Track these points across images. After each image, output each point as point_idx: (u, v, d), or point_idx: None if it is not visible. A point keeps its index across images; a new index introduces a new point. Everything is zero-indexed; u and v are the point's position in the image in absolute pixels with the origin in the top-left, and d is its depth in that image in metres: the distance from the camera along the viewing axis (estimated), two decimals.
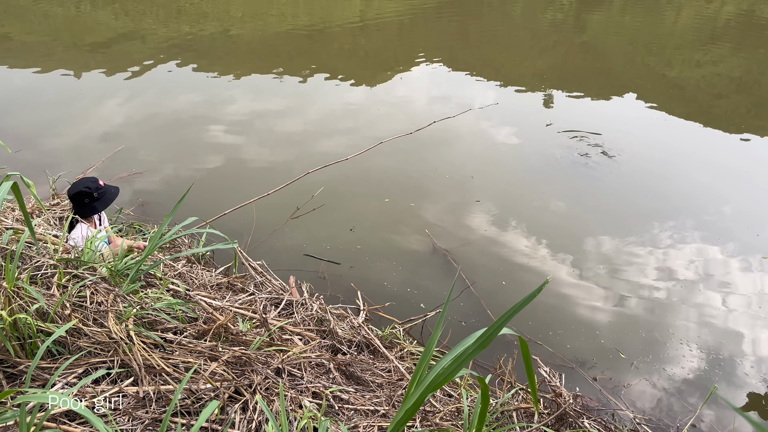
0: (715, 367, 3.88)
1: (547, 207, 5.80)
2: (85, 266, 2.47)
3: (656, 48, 12.55)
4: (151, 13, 14.66)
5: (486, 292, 4.50)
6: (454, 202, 5.83)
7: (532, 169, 6.58)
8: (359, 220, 5.47)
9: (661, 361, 3.91)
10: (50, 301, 2.19)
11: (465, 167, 6.50)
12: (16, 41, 11.86)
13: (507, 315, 1.34)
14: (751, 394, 3.71)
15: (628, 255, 5.05)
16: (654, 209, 5.76)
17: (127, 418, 1.93)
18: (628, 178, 6.43)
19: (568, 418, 2.77)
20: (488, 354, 3.75)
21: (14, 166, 5.14)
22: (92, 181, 3.57)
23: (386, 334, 3.52)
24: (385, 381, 2.83)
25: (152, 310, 2.40)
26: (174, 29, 13.23)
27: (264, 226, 5.12)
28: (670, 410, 3.49)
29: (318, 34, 13.24)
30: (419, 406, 1.47)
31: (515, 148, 7.17)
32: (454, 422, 2.57)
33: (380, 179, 6.21)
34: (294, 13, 15.41)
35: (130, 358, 2.10)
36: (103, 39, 12.04)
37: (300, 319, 3.29)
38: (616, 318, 4.32)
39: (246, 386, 2.20)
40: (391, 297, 4.33)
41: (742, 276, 4.82)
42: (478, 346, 1.37)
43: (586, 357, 3.91)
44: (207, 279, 3.50)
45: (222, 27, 13.46)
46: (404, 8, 15.78)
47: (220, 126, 7.66)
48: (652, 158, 6.93)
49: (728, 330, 4.22)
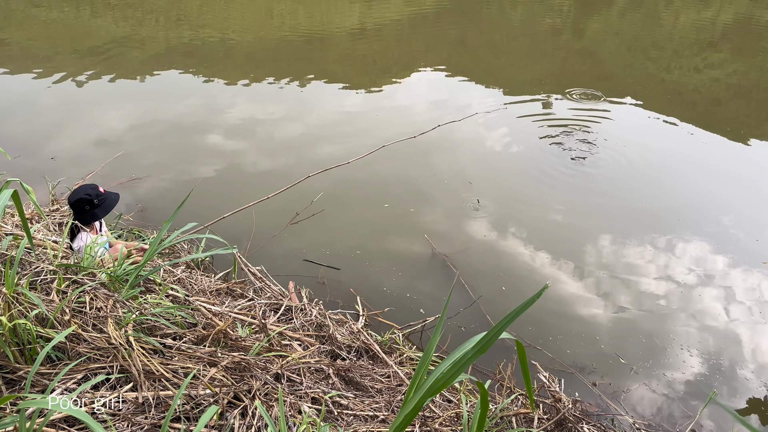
0: (715, 373, 3.88)
1: (547, 212, 5.80)
2: (84, 272, 2.48)
3: (654, 53, 12.60)
4: (151, 19, 14.70)
5: (485, 297, 4.50)
6: (453, 207, 5.83)
7: (531, 175, 6.59)
8: (359, 226, 5.48)
9: (660, 366, 3.91)
10: (50, 307, 2.19)
11: (463, 173, 6.51)
12: (16, 47, 11.89)
13: (506, 319, 1.34)
14: (751, 399, 3.71)
15: (628, 260, 5.05)
16: (653, 214, 5.77)
17: (127, 423, 1.93)
18: (627, 183, 6.44)
19: (568, 423, 2.77)
20: (488, 359, 3.75)
21: (13, 172, 5.15)
22: (92, 188, 3.58)
23: (385, 340, 3.52)
24: (385, 386, 2.83)
25: (151, 316, 2.40)
26: (174, 35, 13.27)
27: (263, 232, 5.12)
28: (670, 415, 3.49)
29: (317, 40, 13.29)
30: (418, 411, 1.47)
31: (513, 153, 7.19)
32: (453, 427, 2.56)
33: (380, 185, 6.22)
34: (293, 19, 15.46)
35: (129, 363, 2.10)
36: (103, 45, 12.07)
37: (299, 325, 3.29)
38: (616, 323, 4.32)
39: (245, 392, 2.20)
40: (391, 302, 4.33)
41: (742, 281, 4.82)
42: (477, 351, 1.38)
43: (586, 362, 3.90)
44: (206, 284, 3.50)
45: (221, 33, 13.51)
46: (403, 15, 15.84)
47: (219, 131, 7.68)
48: (651, 163, 6.95)
49: (728, 335, 4.22)
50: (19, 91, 9.28)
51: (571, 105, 8.82)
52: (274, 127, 7.98)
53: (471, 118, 8.16)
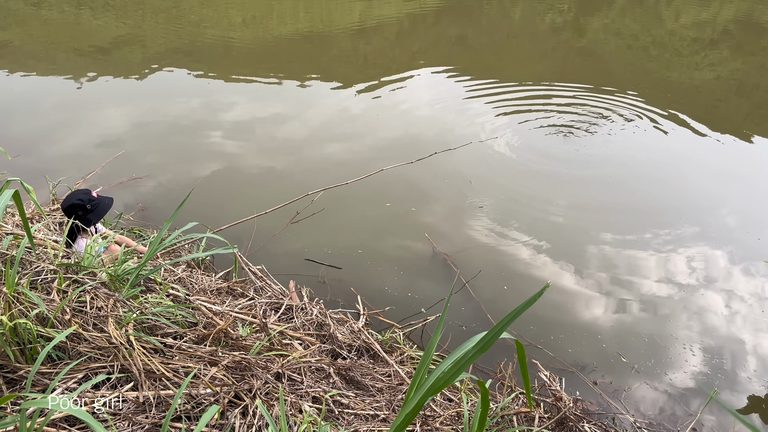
0: (717, 372, 3.88)
1: (547, 211, 5.80)
2: (84, 271, 2.48)
3: (655, 52, 12.58)
4: (151, 19, 14.70)
5: (486, 296, 4.50)
6: (454, 206, 5.83)
7: (531, 173, 6.58)
8: (359, 225, 5.47)
9: (662, 365, 3.91)
10: (50, 306, 2.19)
11: (463, 172, 6.50)
12: (17, 47, 11.89)
13: (507, 319, 1.34)
14: (752, 397, 3.70)
15: (629, 259, 5.05)
16: (654, 213, 5.76)
17: (127, 423, 1.93)
18: (627, 182, 6.43)
19: (569, 422, 2.76)
20: (489, 359, 3.75)
21: (14, 171, 5.15)
22: (85, 193, 3.53)
23: (386, 339, 3.52)
24: (386, 385, 2.83)
25: (152, 315, 2.40)
26: (174, 34, 13.26)
27: (264, 231, 5.12)
28: (671, 414, 3.49)
29: (318, 38, 13.28)
30: (419, 410, 1.47)
31: (514, 152, 7.18)
32: (454, 426, 2.56)
33: (381, 183, 6.22)
34: (294, 18, 15.46)
35: (130, 363, 2.10)
36: (103, 44, 12.07)
37: (300, 324, 3.29)
38: (618, 322, 4.31)
39: (246, 391, 2.20)
40: (392, 302, 4.33)
41: (743, 280, 4.82)
42: (479, 350, 1.38)
43: (587, 361, 3.90)
44: (207, 284, 3.50)
45: (222, 32, 13.50)
46: (403, 13, 15.83)
47: (219, 131, 7.68)
48: (652, 162, 6.94)
49: (730, 334, 4.21)
50: (18, 90, 9.29)
51: (572, 102, 8.81)
52: (273, 126, 7.98)
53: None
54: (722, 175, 6.70)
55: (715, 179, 6.58)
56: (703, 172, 6.79)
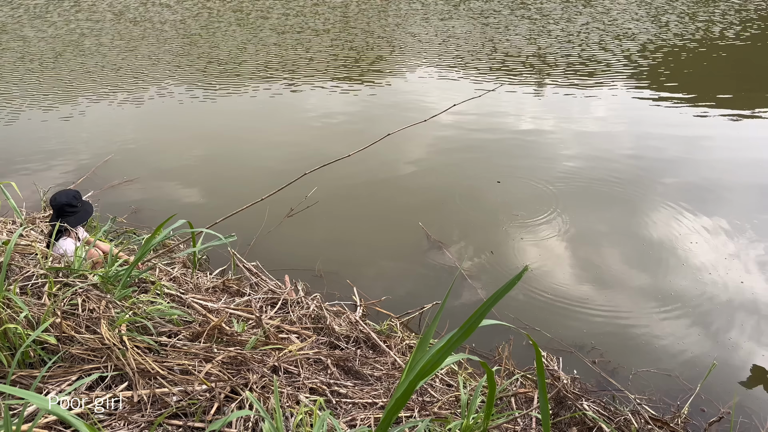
0: (716, 345, 3.88)
1: (538, 188, 5.79)
2: (75, 274, 2.47)
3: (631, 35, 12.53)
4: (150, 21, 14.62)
5: (486, 283, 4.51)
6: (444, 197, 5.82)
7: (526, 157, 6.57)
8: (355, 217, 5.47)
9: (660, 340, 3.92)
10: (41, 310, 2.19)
11: (460, 164, 6.49)
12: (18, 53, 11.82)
13: (488, 303, 1.38)
14: (754, 367, 3.71)
15: (629, 239, 5.05)
16: (661, 193, 5.75)
17: (123, 422, 1.93)
18: (630, 160, 6.44)
19: (567, 401, 2.77)
20: (487, 343, 3.76)
21: (4, 175, 5.14)
22: (75, 194, 3.56)
23: (384, 329, 3.52)
24: (384, 374, 2.83)
25: (145, 315, 2.40)
26: None
27: (258, 227, 5.10)
28: (671, 390, 3.49)
29: (313, 35, 13.20)
30: (409, 394, 1.48)
31: (492, 138, 7.17)
32: (453, 410, 2.57)
33: (374, 176, 6.21)
34: None
35: (123, 363, 2.10)
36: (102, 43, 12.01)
37: (296, 318, 3.29)
38: (614, 299, 4.32)
39: (242, 385, 2.20)
40: (389, 292, 4.33)
41: (754, 255, 4.79)
42: (462, 334, 1.40)
43: (585, 341, 3.91)
44: (202, 282, 3.50)
45: None
46: None
47: (212, 130, 7.65)
48: (661, 147, 6.93)
49: (731, 307, 4.21)
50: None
51: (562, 89, 8.78)
52: (267, 124, 7.97)
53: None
54: (723, 158, 6.67)
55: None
56: (702, 151, 6.76)
